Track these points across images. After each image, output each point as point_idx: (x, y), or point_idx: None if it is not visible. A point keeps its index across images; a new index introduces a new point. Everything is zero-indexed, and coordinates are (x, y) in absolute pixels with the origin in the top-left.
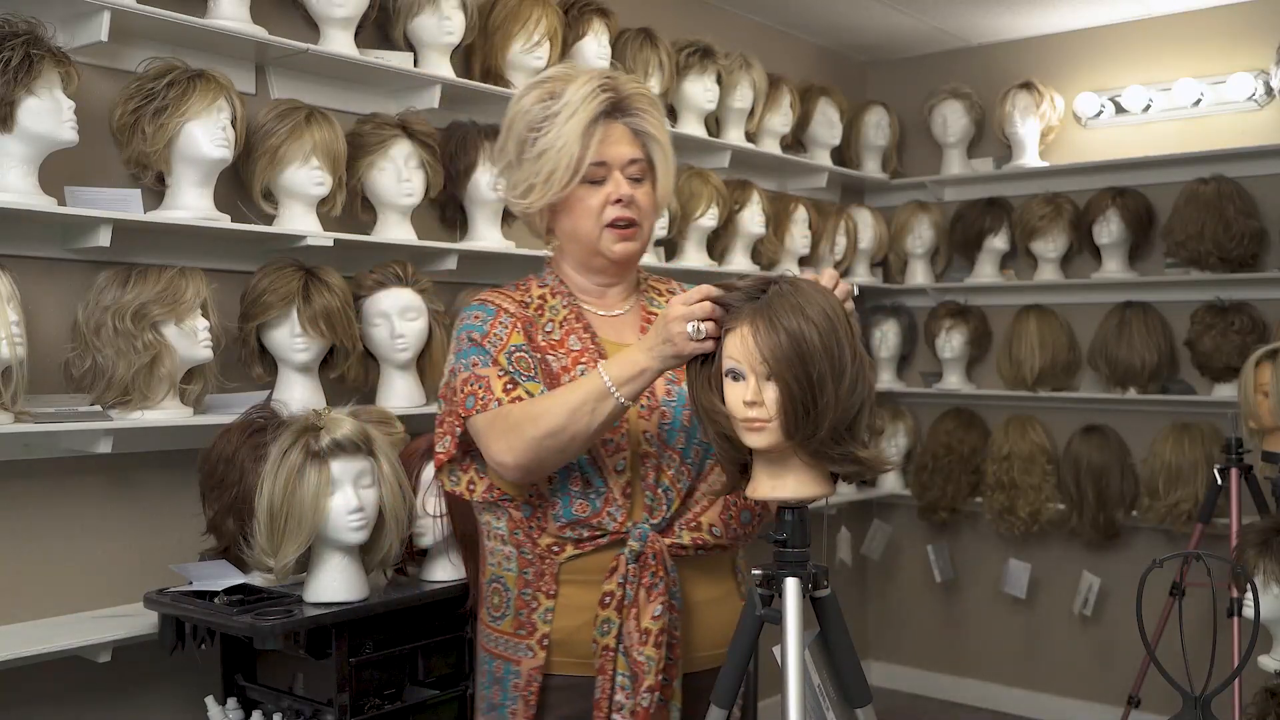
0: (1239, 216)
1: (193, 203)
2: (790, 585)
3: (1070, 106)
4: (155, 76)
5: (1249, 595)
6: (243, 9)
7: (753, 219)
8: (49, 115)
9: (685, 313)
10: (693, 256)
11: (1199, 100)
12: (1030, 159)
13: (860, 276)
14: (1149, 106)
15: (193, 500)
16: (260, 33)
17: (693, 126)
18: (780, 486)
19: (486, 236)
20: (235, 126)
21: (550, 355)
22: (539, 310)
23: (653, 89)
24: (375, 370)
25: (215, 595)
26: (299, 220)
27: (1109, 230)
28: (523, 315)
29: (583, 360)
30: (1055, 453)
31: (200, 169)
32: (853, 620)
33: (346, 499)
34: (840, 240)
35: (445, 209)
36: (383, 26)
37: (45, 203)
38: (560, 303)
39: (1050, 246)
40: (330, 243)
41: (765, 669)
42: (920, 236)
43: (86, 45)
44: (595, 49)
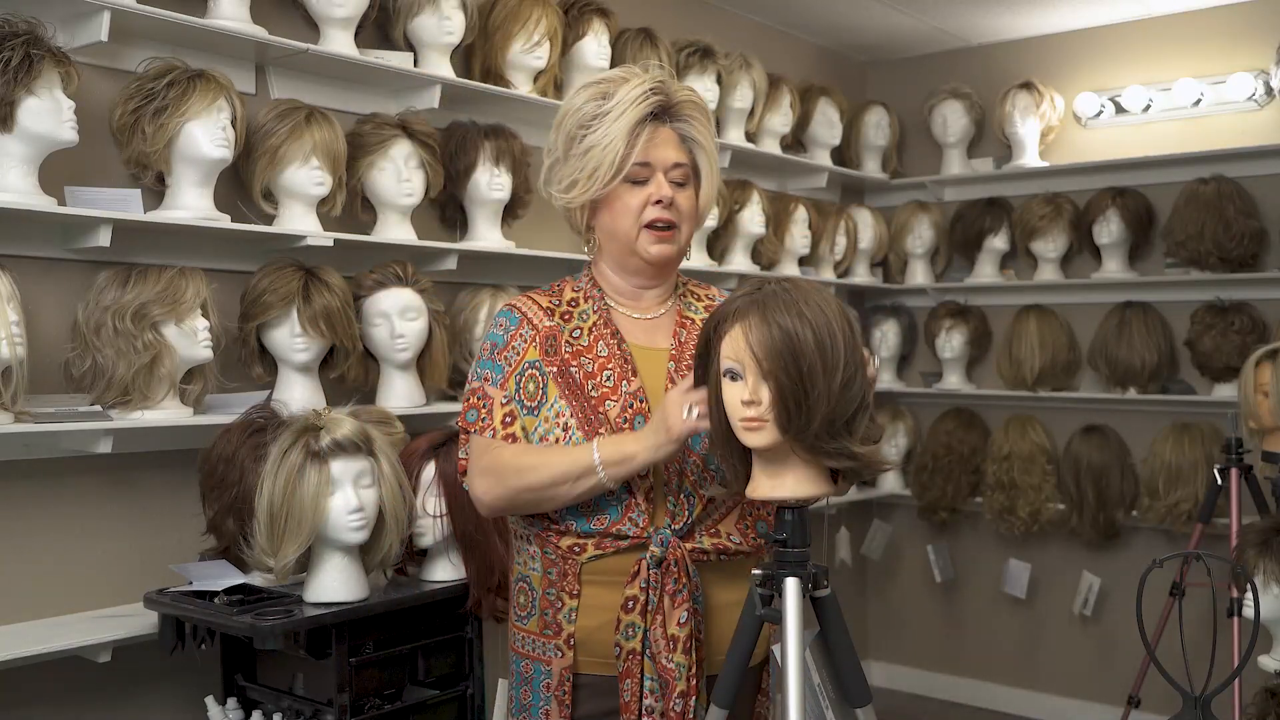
0: (1239, 216)
1: (193, 203)
2: (790, 585)
3: (1070, 106)
4: (155, 76)
5: (1249, 595)
6: (243, 9)
7: (753, 219)
8: (49, 115)
9: (681, 400)
10: (693, 256)
11: (1199, 100)
12: (1030, 159)
13: (860, 276)
14: (1149, 106)
15: (193, 500)
16: (260, 33)
17: None
18: (779, 486)
19: (486, 236)
20: (235, 126)
21: (574, 364)
22: (566, 316)
23: None
24: (375, 370)
25: (215, 595)
26: (299, 220)
27: (1109, 230)
28: (546, 327)
29: (609, 367)
30: (1055, 453)
31: (200, 169)
32: (853, 620)
33: (346, 499)
34: (840, 240)
35: (445, 209)
36: (383, 26)
37: (45, 203)
38: (591, 307)
39: (1050, 246)
40: (330, 243)
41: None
42: (920, 236)
43: (86, 45)
44: (595, 49)
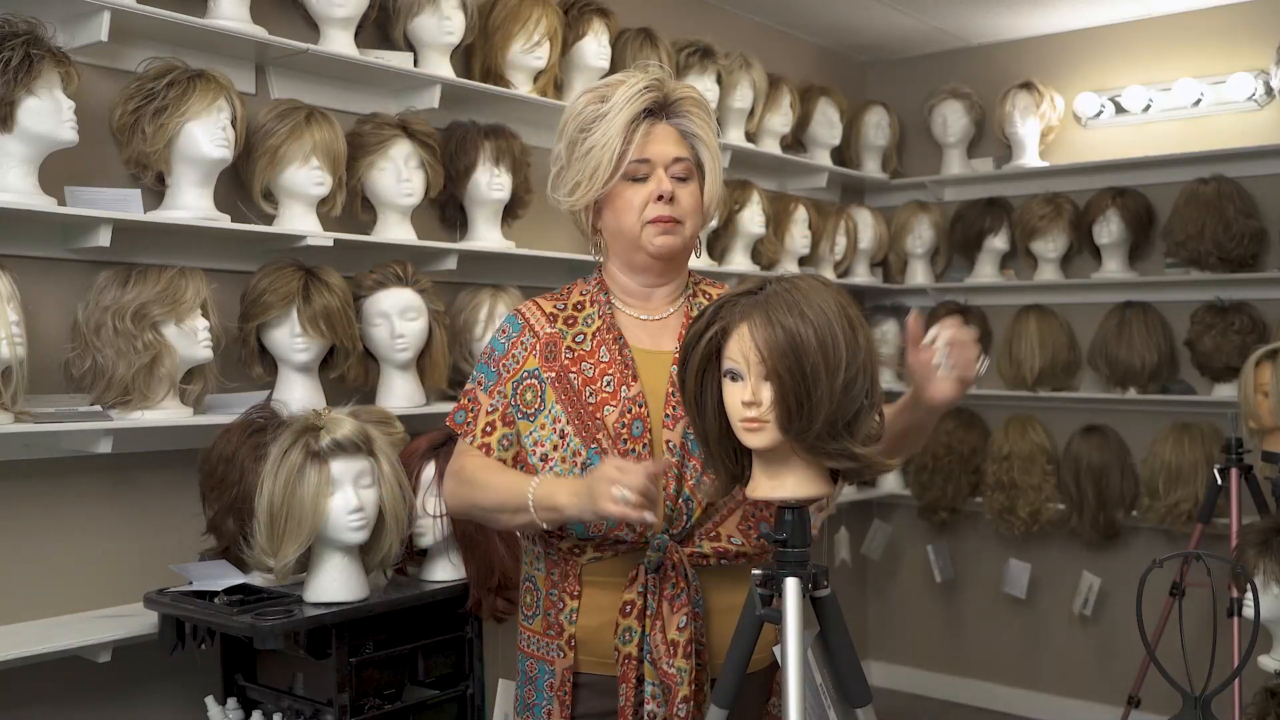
0: (1239, 216)
1: (193, 203)
2: (790, 585)
3: (1070, 106)
4: (155, 76)
5: (1249, 595)
6: (243, 9)
7: (753, 219)
8: (49, 115)
9: (614, 478)
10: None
11: (1199, 100)
12: (1030, 159)
13: (860, 277)
14: (1149, 106)
15: (193, 500)
16: (260, 33)
17: None
18: (779, 486)
19: (486, 236)
20: (235, 126)
21: (574, 369)
22: (570, 321)
23: None
24: (375, 370)
25: (215, 595)
26: (299, 220)
27: (1109, 230)
28: (547, 334)
29: (610, 372)
30: (1055, 453)
31: (200, 169)
32: (853, 620)
33: (346, 499)
34: (840, 240)
35: (445, 209)
36: (383, 26)
37: (45, 203)
38: (596, 311)
39: (1050, 246)
40: (330, 243)
41: None
42: (920, 236)
43: (86, 45)
44: (595, 49)
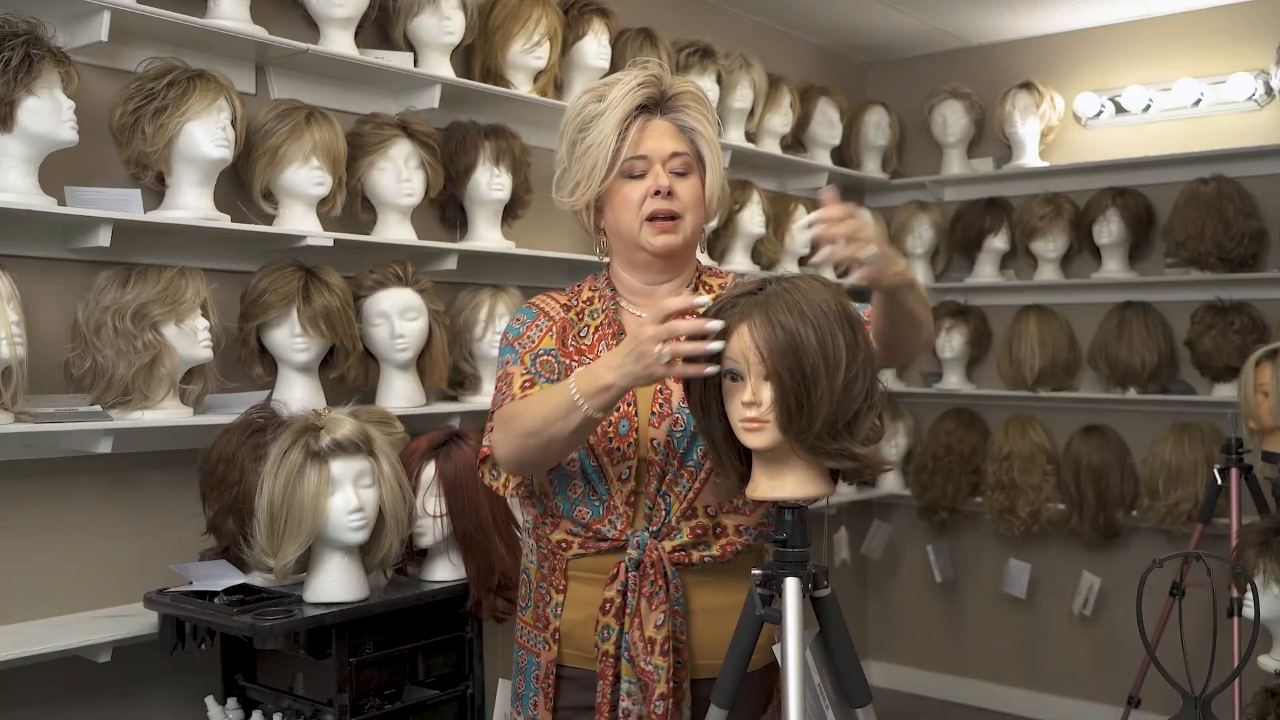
0: (1239, 216)
1: (193, 203)
2: (790, 585)
3: (1070, 106)
4: (155, 76)
5: (1249, 595)
6: (243, 9)
7: (753, 219)
8: (49, 115)
9: (654, 333)
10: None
11: (1199, 100)
12: (1030, 159)
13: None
14: (1149, 106)
15: (193, 500)
16: (260, 33)
17: None
18: (779, 486)
19: (486, 236)
20: (235, 126)
21: (576, 362)
22: (580, 315)
23: None
24: (375, 370)
25: (215, 595)
26: (299, 220)
27: (1109, 230)
28: (562, 319)
29: None
30: (1055, 453)
31: (200, 169)
32: (853, 620)
33: (346, 499)
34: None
35: (445, 209)
36: (383, 26)
37: (45, 203)
38: (601, 307)
39: (1050, 246)
40: (330, 243)
41: None
42: (920, 236)
43: (86, 45)
44: (595, 49)
